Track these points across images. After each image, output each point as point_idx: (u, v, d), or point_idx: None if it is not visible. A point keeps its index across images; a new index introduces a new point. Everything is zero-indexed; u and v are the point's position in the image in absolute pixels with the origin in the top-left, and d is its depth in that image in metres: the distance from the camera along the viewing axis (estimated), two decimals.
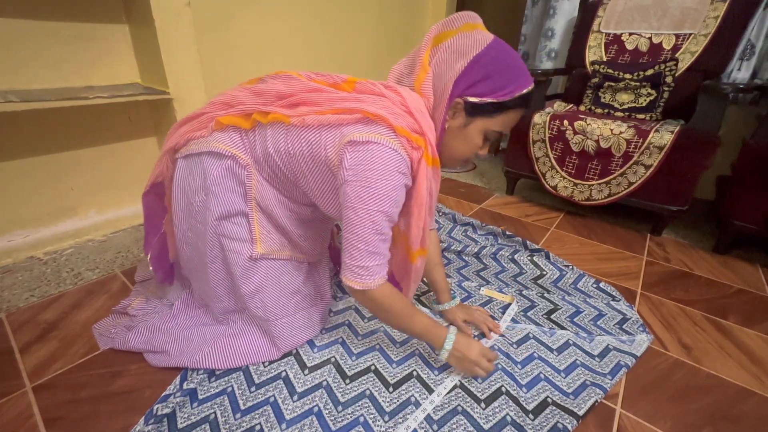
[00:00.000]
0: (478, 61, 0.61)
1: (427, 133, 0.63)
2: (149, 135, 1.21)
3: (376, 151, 0.59)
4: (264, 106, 0.67)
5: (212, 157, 0.70)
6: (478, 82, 0.61)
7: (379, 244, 0.64)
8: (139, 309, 0.89)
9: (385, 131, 0.61)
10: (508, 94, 0.62)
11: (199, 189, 0.72)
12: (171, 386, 0.72)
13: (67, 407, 0.68)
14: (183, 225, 0.77)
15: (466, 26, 0.63)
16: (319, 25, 1.58)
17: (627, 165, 1.36)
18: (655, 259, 1.29)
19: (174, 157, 0.77)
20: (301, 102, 0.66)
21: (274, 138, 0.67)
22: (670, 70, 1.44)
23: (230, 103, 0.72)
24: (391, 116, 0.61)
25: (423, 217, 0.67)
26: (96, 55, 1.04)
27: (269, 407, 0.68)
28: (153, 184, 0.82)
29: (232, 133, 0.71)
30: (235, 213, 0.72)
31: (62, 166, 1.04)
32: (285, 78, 0.70)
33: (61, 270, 0.99)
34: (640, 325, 0.95)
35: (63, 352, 0.80)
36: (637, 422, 0.71)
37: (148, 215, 0.85)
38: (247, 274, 0.74)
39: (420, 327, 0.72)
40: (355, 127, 0.61)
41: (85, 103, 0.91)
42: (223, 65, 1.30)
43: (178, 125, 0.78)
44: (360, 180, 0.60)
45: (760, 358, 0.87)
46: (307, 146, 0.65)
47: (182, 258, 0.83)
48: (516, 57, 0.63)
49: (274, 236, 0.77)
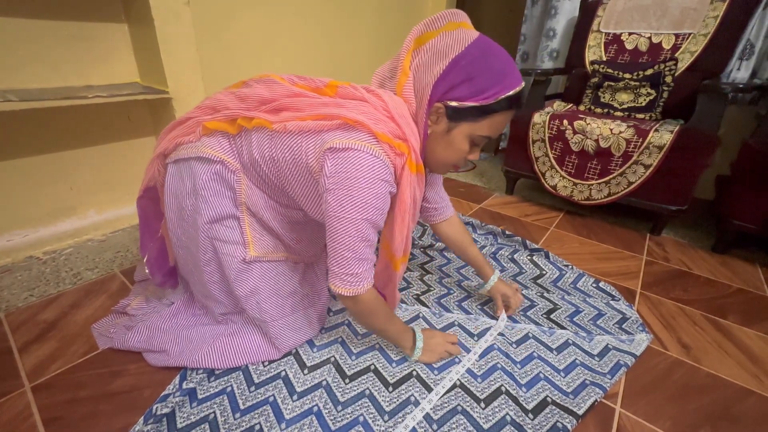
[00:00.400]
0: (458, 63, 0.58)
1: (410, 138, 0.61)
2: (149, 135, 1.21)
3: (356, 158, 0.58)
4: (247, 111, 0.67)
5: (201, 162, 0.70)
6: (457, 85, 0.58)
7: (365, 250, 0.63)
8: (138, 308, 0.89)
9: (366, 137, 0.59)
10: (492, 97, 0.59)
11: (189, 193, 0.71)
12: (170, 386, 0.71)
13: (66, 407, 0.68)
14: (177, 229, 0.77)
15: (449, 25, 0.60)
16: (318, 25, 1.58)
17: (626, 165, 1.36)
18: (654, 258, 1.29)
19: (164, 162, 0.76)
20: (283, 107, 0.65)
21: (259, 143, 0.67)
22: (670, 69, 1.44)
23: (216, 107, 0.71)
24: (372, 122, 0.59)
25: (407, 224, 0.66)
26: (95, 54, 1.04)
27: (269, 407, 0.68)
28: (146, 188, 0.82)
29: (220, 138, 0.70)
30: (225, 216, 0.72)
31: (61, 166, 1.04)
32: (268, 82, 0.69)
33: (60, 269, 0.99)
34: (639, 324, 0.95)
35: (62, 352, 0.80)
36: (636, 422, 0.71)
37: (144, 219, 0.85)
38: (241, 277, 0.74)
39: (394, 330, 0.75)
40: (335, 134, 0.60)
41: (85, 102, 0.91)
42: (222, 65, 1.30)
43: (168, 130, 0.78)
44: (342, 188, 0.58)
45: (759, 358, 0.87)
46: (289, 152, 0.64)
47: (179, 261, 0.83)
48: (502, 56, 0.60)
49: (266, 239, 0.76)
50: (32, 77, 0.96)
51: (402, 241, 0.67)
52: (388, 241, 0.68)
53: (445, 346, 0.80)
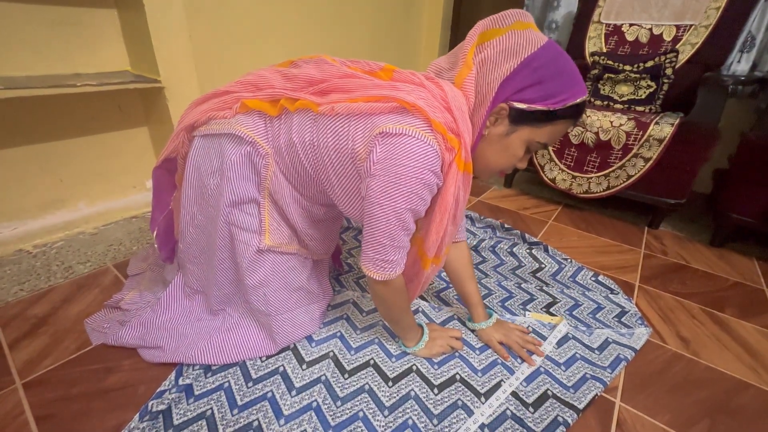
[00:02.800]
0: (530, 64, 0.55)
1: (464, 134, 0.57)
2: (140, 125, 1.18)
3: (409, 145, 0.54)
4: (293, 92, 0.63)
5: (232, 141, 0.67)
6: (528, 87, 0.55)
7: (403, 238, 0.61)
8: (132, 303, 0.87)
9: (421, 124, 0.56)
10: (561, 103, 0.56)
11: (215, 172, 0.69)
12: (166, 382, 0.70)
13: (58, 404, 0.67)
14: (193, 207, 0.75)
15: (518, 24, 0.57)
16: (314, 13, 1.54)
17: (626, 158, 1.35)
18: (652, 252, 1.29)
19: (191, 134, 0.73)
20: (333, 89, 0.61)
21: (300, 127, 0.63)
22: (670, 61, 1.42)
23: (258, 84, 0.67)
24: (430, 109, 0.56)
25: (444, 225, 0.62)
26: (84, 41, 1.00)
27: (267, 403, 0.67)
28: (165, 159, 0.78)
29: (256, 119, 0.67)
30: (247, 200, 0.70)
31: (50, 157, 1.01)
32: (318, 62, 0.65)
33: (51, 263, 0.96)
34: (638, 318, 0.95)
35: (54, 348, 0.78)
36: (636, 415, 0.71)
37: (157, 192, 0.82)
38: (253, 266, 0.72)
39: (407, 323, 0.76)
40: (389, 117, 0.56)
41: (73, 91, 0.88)
42: (216, 54, 1.26)
43: (199, 102, 0.74)
44: (388, 175, 0.55)
45: (757, 351, 0.87)
46: (333, 138, 0.60)
47: (185, 240, 0.79)
48: (571, 63, 0.57)
49: (283, 229, 0.75)
50: (17, 64, 0.92)
51: (436, 241, 0.64)
52: (423, 237, 0.65)
53: (447, 341, 0.80)
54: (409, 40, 2.12)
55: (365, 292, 0.97)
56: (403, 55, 2.11)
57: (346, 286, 1.00)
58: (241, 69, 1.36)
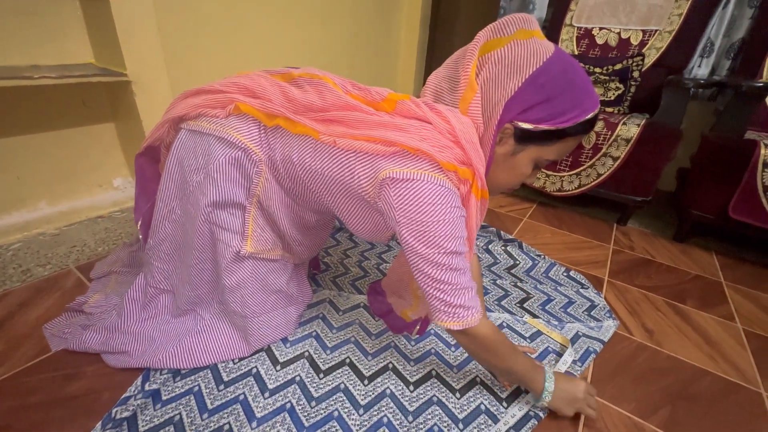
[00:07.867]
0: (536, 81, 0.51)
1: (477, 164, 0.55)
2: (107, 121, 1.13)
3: (421, 190, 0.52)
4: (294, 115, 0.61)
5: (221, 143, 0.64)
6: (534, 106, 0.52)
7: (460, 279, 0.56)
8: (96, 306, 0.83)
9: (428, 165, 0.54)
10: (570, 121, 0.52)
11: (199, 169, 0.66)
12: (132, 387, 0.67)
13: (14, 414, 0.63)
14: (172, 201, 0.72)
15: (520, 33, 0.53)
16: (291, 8, 1.52)
17: (596, 157, 1.40)
18: (620, 247, 1.34)
19: (178, 125, 0.70)
20: (334, 120, 0.59)
21: (301, 150, 0.61)
22: (637, 65, 1.48)
23: (255, 92, 0.64)
24: (437, 150, 0.53)
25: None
26: (42, 31, 0.94)
27: (239, 405, 0.66)
28: (148, 147, 0.75)
29: (251, 124, 0.64)
30: (231, 204, 0.68)
31: (5, 153, 0.95)
32: (319, 87, 0.62)
33: (6, 266, 0.91)
34: (607, 311, 0.98)
35: (9, 355, 0.73)
36: (603, 405, 0.73)
37: (141, 180, 0.79)
38: (231, 268, 0.70)
39: (522, 367, 0.64)
40: (393, 161, 0.54)
41: (30, 83, 0.83)
42: (187, 49, 1.22)
43: (190, 94, 0.70)
44: (414, 224, 0.53)
45: (714, 340, 0.92)
46: (334, 168, 0.59)
47: (156, 236, 0.75)
48: (582, 74, 0.54)
49: (267, 235, 0.72)
50: None
51: None
52: None
53: (586, 398, 0.66)
54: (389, 39, 2.12)
55: (342, 291, 0.97)
56: (382, 53, 2.11)
57: (323, 285, 0.99)
58: (216, 65, 1.33)
